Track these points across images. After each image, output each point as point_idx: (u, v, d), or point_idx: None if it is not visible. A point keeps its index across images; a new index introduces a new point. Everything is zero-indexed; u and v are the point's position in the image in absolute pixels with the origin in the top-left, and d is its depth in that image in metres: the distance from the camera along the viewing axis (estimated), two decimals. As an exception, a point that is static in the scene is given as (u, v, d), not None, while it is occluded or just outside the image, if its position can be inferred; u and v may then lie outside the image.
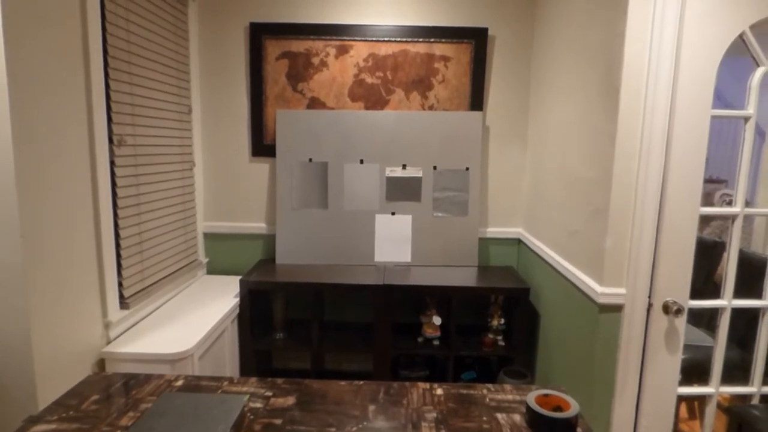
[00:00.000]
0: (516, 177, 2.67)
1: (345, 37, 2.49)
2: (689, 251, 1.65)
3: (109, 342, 1.83)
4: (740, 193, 1.65)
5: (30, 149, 1.41)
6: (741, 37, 1.52)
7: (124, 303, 1.92)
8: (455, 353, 2.37)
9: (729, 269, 1.70)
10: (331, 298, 2.75)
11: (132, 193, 1.95)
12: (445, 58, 2.52)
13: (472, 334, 2.54)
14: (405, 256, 2.62)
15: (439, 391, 1.16)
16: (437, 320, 2.43)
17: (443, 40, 2.50)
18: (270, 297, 2.52)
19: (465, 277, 2.43)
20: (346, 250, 2.61)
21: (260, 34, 2.50)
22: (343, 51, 2.51)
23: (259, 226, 2.68)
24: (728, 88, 2.25)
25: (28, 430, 0.97)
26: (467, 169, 2.57)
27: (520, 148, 2.64)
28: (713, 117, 1.60)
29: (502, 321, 2.46)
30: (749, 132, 1.60)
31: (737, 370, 1.93)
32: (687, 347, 2.20)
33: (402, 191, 2.60)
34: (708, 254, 2.68)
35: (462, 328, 2.62)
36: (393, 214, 2.61)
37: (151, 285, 2.12)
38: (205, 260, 2.68)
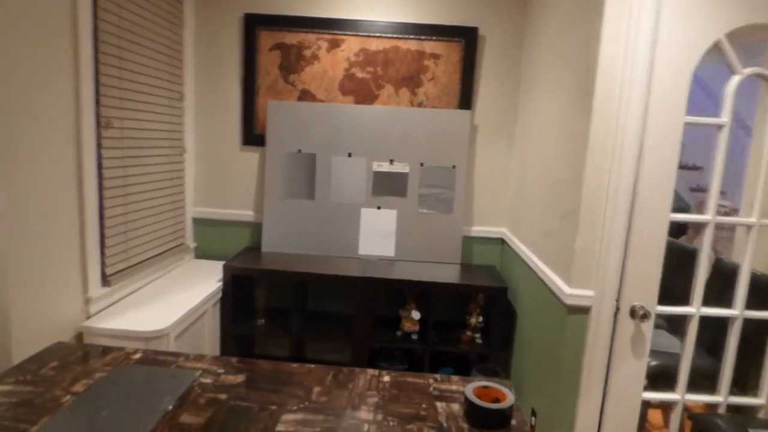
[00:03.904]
0: (502, 177, 2.69)
1: (337, 32, 2.52)
2: (658, 256, 1.66)
3: (88, 317, 1.89)
4: (712, 200, 1.65)
5: (14, 127, 1.46)
6: (717, 44, 1.52)
7: (106, 280, 1.98)
8: (432, 348, 2.39)
9: (699, 277, 1.71)
10: (314, 288, 2.79)
11: (118, 174, 2.00)
12: (435, 56, 2.54)
13: (450, 331, 2.57)
14: (389, 250, 2.65)
15: (386, 378, 1.19)
16: (416, 315, 2.46)
17: (434, 37, 2.51)
18: (253, 283, 2.57)
19: (446, 273, 2.45)
20: (330, 241, 2.64)
21: (254, 24, 2.54)
22: (334, 45, 2.54)
23: (247, 213, 2.73)
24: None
25: (-16, 391, 1.02)
26: (454, 167, 2.59)
27: (507, 148, 2.66)
28: (687, 124, 1.60)
29: (481, 319, 2.48)
30: (723, 140, 1.60)
31: (708, 379, 1.93)
32: (659, 353, 2.21)
33: (388, 186, 2.62)
34: (692, 262, 2.67)
35: (441, 324, 2.65)
36: (379, 208, 2.64)
37: (135, 265, 2.18)
38: (193, 244, 2.73)
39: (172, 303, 2.10)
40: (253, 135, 2.64)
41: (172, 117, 2.43)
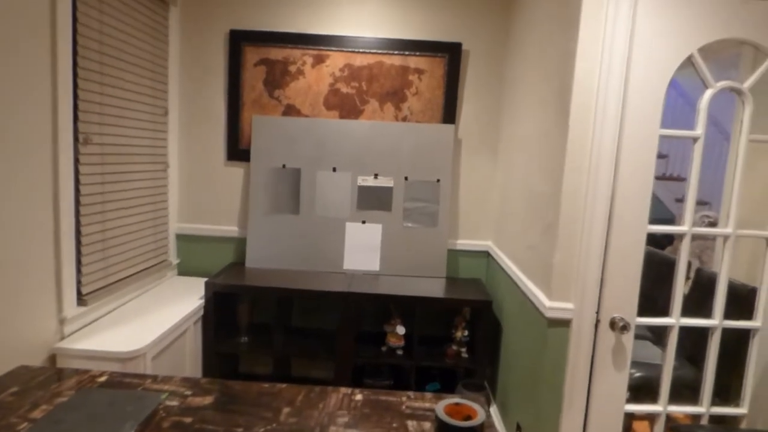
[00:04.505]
0: (486, 190, 2.69)
1: (322, 47, 2.54)
2: (637, 268, 1.65)
3: (63, 338, 1.85)
4: (688, 212, 1.65)
5: (-16, 144, 1.45)
6: (689, 59, 1.54)
7: (81, 300, 1.94)
8: (418, 363, 2.36)
9: (677, 287, 1.70)
10: (298, 304, 2.76)
11: (97, 191, 1.99)
12: (419, 71, 2.55)
13: (436, 346, 2.54)
14: (374, 264, 2.63)
15: (359, 397, 1.16)
16: (401, 330, 2.43)
17: (418, 53, 2.53)
18: (236, 300, 2.54)
19: (431, 287, 2.43)
20: (315, 256, 2.62)
21: (240, 41, 2.55)
22: (319, 60, 2.55)
23: (231, 229, 2.71)
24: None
25: (-61, 417, 0.99)
26: (438, 180, 2.59)
27: (491, 162, 2.66)
28: (664, 136, 1.61)
29: (466, 333, 2.45)
30: (697, 152, 1.61)
31: (691, 390, 1.92)
32: (643, 365, 2.19)
33: (373, 200, 2.62)
34: (673, 273, 2.67)
35: (426, 338, 2.62)
36: (363, 222, 2.63)
37: (113, 283, 2.14)
38: (176, 261, 2.70)
39: (150, 322, 2.06)
40: (237, 150, 2.64)
41: (155, 132, 2.42)
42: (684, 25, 1.53)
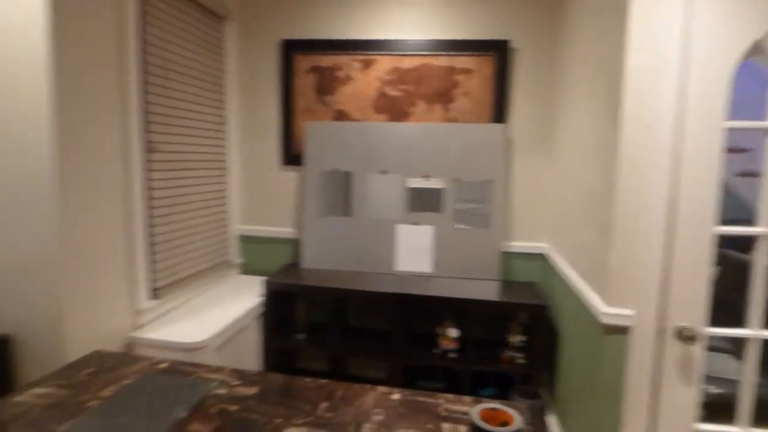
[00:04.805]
0: (542, 190, 2.59)
1: (370, 52, 2.59)
2: (704, 273, 1.52)
3: (137, 328, 2.03)
4: (765, 212, 1.50)
5: (69, 154, 1.63)
6: (757, 44, 1.40)
7: (154, 294, 2.12)
8: (471, 367, 2.33)
9: (754, 295, 1.55)
10: (353, 304, 2.82)
11: (164, 195, 2.16)
12: (466, 71, 2.52)
13: (490, 350, 2.49)
14: (425, 266, 2.63)
15: (396, 396, 1.18)
16: (453, 332, 2.41)
17: (465, 53, 2.51)
18: (293, 298, 2.64)
19: (484, 290, 2.39)
20: (368, 257, 2.67)
21: (291, 50, 2.66)
22: (367, 65, 2.60)
23: (288, 231, 2.83)
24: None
25: (26, 391, 1.13)
26: (489, 181, 2.54)
27: (546, 161, 2.57)
28: (733, 129, 1.48)
29: (522, 338, 2.38)
30: (773, 145, 1.46)
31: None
32: (722, 380, 2.01)
33: (423, 202, 2.62)
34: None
35: (481, 342, 2.58)
36: (414, 224, 2.64)
37: (181, 279, 2.32)
38: (239, 261, 2.86)
39: (214, 316, 2.20)
40: (291, 155, 2.75)
41: (215, 140, 2.59)
42: (750, 6, 1.39)
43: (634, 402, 1.61)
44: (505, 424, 1.05)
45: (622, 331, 1.61)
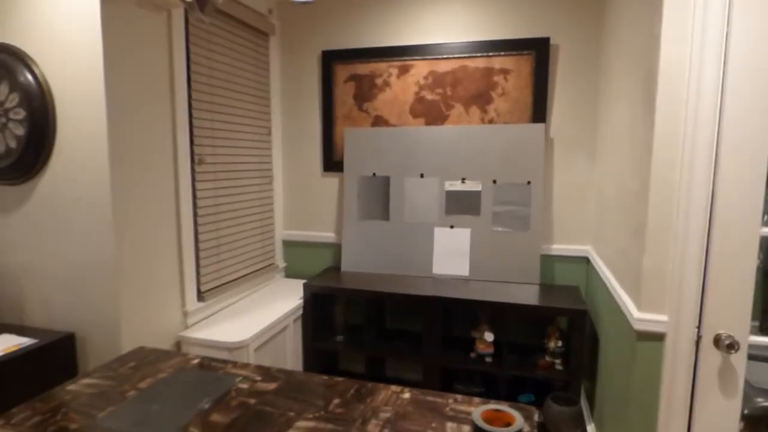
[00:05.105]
0: (583, 192, 2.50)
1: (406, 58, 2.62)
2: (748, 277, 1.41)
3: (186, 328, 2.19)
4: (821, 211, 1.36)
5: (123, 166, 1.80)
6: (807, 25, 1.28)
7: (201, 296, 2.28)
8: (507, 372, 2.29)
9: (811, 302, 1.41)
10: (390, 306, 2.86)
11: (211, 203, 2.32)
12: (504, 71, 2.49)
13: (527, 355, 2.43)
14: (463, 269, 2.62)
15: (407, 395, 1.20)
16: (489, 336, 2.38)
17: (502, 53, 2.47)
18: (332, 301, 2.73)
19: (522, 294, 2.34)
20: (406, 261, 2.70)
21: (331, 60, 2.76)
22: (404, 71, 2.64)
23: (329, 235, 2.92)
24: None
25: (79, 381, 1.28)
26: (528, 182, 2.49)
27: (588, 161, 2.47)
28: (780, 120, 1.36)
29: (560, 343, 2.31)
30: (829, 137, 1.33)
31: None
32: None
33: (461, 205, 2.61)
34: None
35: (518, 347, 2.52)
36: (452, 227, 2.63)
37: (227, 283, 2.47)
38: (282, 264, 3.00)
39: (256, 318, 2.33)
40: (332, 161, 2.85)
41: (261, 150, 2.73)
42: (799, -13, 1.28)
43: (669, 413, 1.52)
44: (509, 425, 1.04)
45: (656, 338, 1.52)
